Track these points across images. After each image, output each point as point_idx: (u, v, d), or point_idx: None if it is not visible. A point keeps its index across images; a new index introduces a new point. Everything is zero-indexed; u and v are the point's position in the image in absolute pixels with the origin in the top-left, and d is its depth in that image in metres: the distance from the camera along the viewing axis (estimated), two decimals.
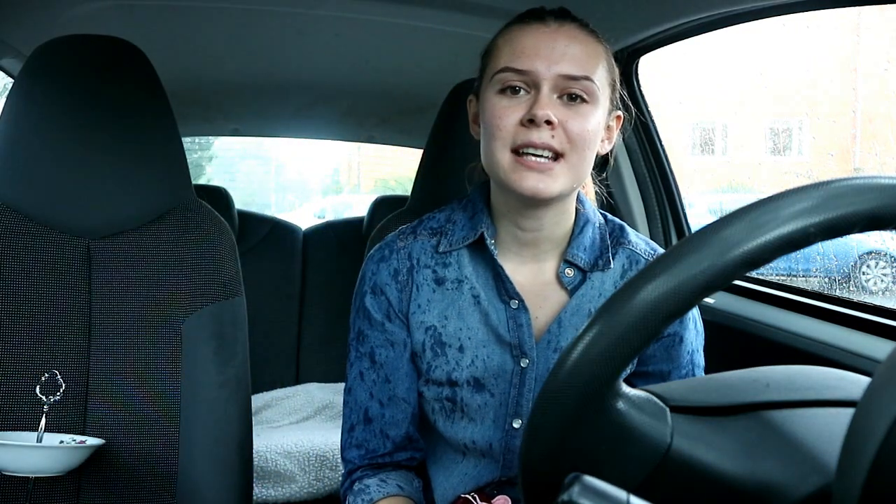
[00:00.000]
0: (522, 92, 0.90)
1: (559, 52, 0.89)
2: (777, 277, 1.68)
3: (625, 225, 1.05)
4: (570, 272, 0.99)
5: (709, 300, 1.56)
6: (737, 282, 1.55)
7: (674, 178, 1.82)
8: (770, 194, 0.51)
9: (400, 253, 1.01)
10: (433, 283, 0.99)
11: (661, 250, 1.05)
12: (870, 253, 2.41)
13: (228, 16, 1.79)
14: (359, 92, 2.35)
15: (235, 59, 2.12)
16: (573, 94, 0.90)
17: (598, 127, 0.92)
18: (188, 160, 1.28)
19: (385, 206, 2.65)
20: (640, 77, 1.81)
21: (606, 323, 0.50)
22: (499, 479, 1.02)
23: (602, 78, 0.92)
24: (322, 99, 2.48)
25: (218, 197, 2.60)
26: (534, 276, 1.00)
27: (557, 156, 0.89)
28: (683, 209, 1.82)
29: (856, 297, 1.34)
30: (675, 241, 1.80)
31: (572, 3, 0.98)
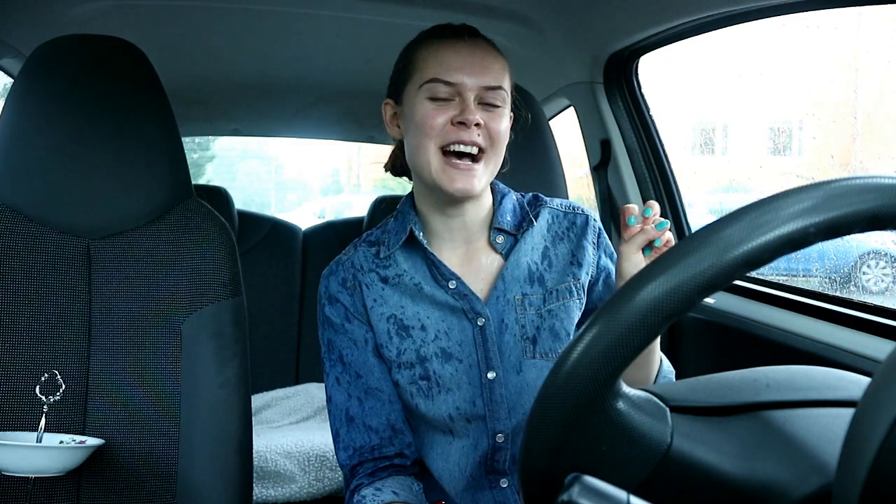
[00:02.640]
0: (447, 98, 1.01)
1: (480, 67, 1.01)
2: (777, 277, 1.68)
3: (539, 194, 1.16)
4: (500, 239, 1.10)
5: (709, 300, 1.56)
6: (737, 282, 1.55)
7: (674, 178, 1.82)
8: (770, 194, 0.51)
9: (345, 264, 1.12)
10: (380, 282, 1.09)
11: (578, 206, 1.15)
12: (869, 253, 2.41)
13: (228, 16, 1.79)
14: (359, 92, 2.35)
15: (235, 59, 2.12)
16: (490, 101, 1.02)
17: (507, 126, 1.05)
18: (188, 160, 1.29)
19: (385, 206, 2.65)
20: (640, 77, 1.81)
21: (606, 323, 0.50)
22: (493, 444, 1.05)
23: (508, 86, 1.05)
24: (322, 99, 2.48)
25: (218, 197, 2.60)
26: (468, 255, 1.10)
27: (480, 152, 1.01)
28: (683, 209, 1.82)
29: (856, 297, 1.34)
30: (675, 241, 1.80)
31: (574, 3, 0.98)
